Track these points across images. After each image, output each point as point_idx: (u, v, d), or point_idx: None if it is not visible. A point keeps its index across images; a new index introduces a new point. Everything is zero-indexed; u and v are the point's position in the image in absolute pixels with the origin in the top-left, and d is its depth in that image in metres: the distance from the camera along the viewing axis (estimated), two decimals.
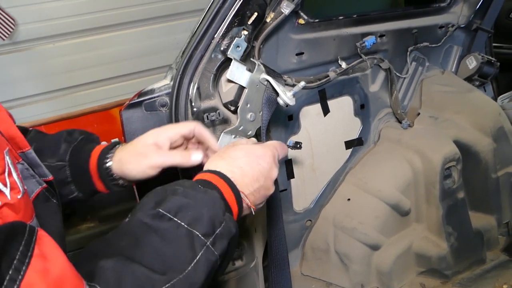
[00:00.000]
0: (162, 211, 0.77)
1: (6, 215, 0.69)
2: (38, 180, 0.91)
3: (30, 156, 0.90)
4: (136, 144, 1.08)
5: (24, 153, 0.89)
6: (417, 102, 2.15)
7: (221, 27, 1.35)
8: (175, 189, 0.83)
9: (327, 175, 1.97)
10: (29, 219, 0.75)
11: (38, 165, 0.92)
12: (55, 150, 1.10)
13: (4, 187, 0.69)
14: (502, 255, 2.07)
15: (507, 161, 2.12)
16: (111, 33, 2.99)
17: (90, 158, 1.09)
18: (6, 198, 0.69)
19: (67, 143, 1.12)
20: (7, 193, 0.69)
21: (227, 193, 0.88)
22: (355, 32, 1.84)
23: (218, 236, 0.79)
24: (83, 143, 1.14)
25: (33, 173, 0.90)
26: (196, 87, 1.36)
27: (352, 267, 1.87)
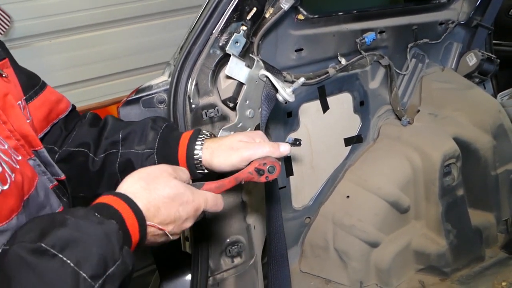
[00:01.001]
0: (44, 246, 0.65)
1: None
2: (49, 178, 0.93)
3: (42, 155, 0.93)
4: (229, 140, 1.10)
5: (37, 152, 0.92)
6: (417, 99, 2.14)
7: (220, 22, 1.33)
8: (65, 218, 0.72)
9: (326, 172, 1.97)
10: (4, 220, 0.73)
11: (50, 164, 0.95)
12: (141, 138, 1.12)
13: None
14: (501, 252, 2.07)
15: (507, 159, 2.11)
16: (108, 29, 2.96)
17: (179, 147, 1.10)
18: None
19: (154, 131, 1.13)
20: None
21: (129, 219, 0.78)
22: (355, 28, 1.83)
23: (109, 277, 0.69)
24: (168, 131, 1.15)
25: (44, 170, 0.92)
26: (195, 84, 1.35)
27: (351, 264, 1.86)
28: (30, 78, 1.06)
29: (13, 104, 0.89)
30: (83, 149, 1.12)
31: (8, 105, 0.88)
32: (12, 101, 0.89)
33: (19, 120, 0.89)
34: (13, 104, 0.89)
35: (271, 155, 1.07)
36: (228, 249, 1.49)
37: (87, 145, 1.12)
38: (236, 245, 1.50)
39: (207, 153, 1.09)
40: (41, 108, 1.06)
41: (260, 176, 1.04)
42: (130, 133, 1.13)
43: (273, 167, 1.04)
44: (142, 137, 1.12)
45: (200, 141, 1.10)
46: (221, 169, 1.08)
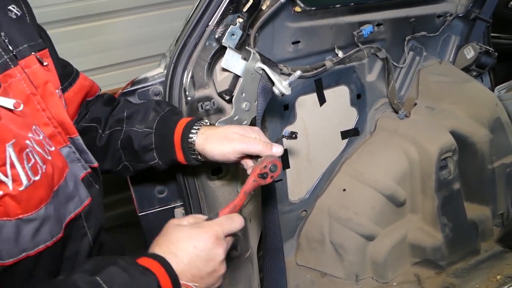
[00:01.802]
0: (99, 280, 0.76)
1: (8, 204, 0.75)
2: (83, 165, 0.99)
3: (77, 142, 0.98)
4: (224, 129, 1.12)
5: (72, 139, 0.97)
6: (414, 92, 2.14)
7: (216, 14, 1.32)
8: (116, 260, 0.81)
9: (322, 166, 1.96)
10: (33, 210, 0.79)
11: (84, 151, 1.00)
12: (143, 117, 1.16)
13: (5, 177, 0.74)
14: (496, 246, 2.07)
15: (503, 152, 2.11)
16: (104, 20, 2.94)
17: (176, 129, 1.14)
18: (8, 188, 0.74)
19: (156, 112, 1.17)
20: (9, 184, 0.74)
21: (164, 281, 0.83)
22: (352, 21, 1.81)
23: None
24: (170, 114, 1.19)
25: (79, 157, 0.98)
26: (190, 76, 1.34)
27: (347, 258, 1.87)
28: (65, 67, 1.09)
29: (53, 92, 0.92)
30: (95, 125, 1.18)
31: (47, 93, 0.91)
32: (51, 89, 0.92)
33: (58, 107, 0.92)
34: (53, 92, 0.92)
35: (262, 154, 1.07)
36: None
37: (98, 120, 1.18)
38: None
39: (201, 138, 1.11)
40: (77, 95, 1.13)
41: (265, 179, 1.04)
42: (134, 112, 1.18)
43: (275, 165, 1.04)
44: (144, 117, 1.17)
45: (197, 127, 1.13)
46: (212, 156, 1.10)
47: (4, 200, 0.74)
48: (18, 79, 0.84)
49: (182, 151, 1.14)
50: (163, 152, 1.17)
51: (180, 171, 1.37)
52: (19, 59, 0.87)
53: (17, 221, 0.76)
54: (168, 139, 1.14)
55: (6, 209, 0.74)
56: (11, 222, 0.76)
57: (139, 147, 1.14)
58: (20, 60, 0.87)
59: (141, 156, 1.16)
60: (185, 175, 1.38)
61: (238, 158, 1.10)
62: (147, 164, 1.18)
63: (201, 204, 1.42)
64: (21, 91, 0.85)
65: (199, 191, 1.41)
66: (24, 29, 0.93)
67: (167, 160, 1.18)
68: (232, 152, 1.07)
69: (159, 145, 1.16)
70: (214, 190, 1.45)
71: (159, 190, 1.43)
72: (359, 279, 1.88)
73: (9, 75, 0.83)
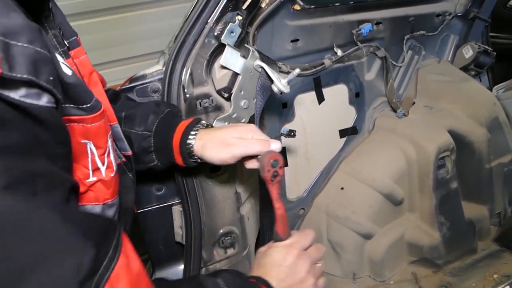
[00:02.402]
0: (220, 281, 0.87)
1: (99, 189, 0.80)
2: (118, 154, 1.01)
3: (115, 130, 0.99)
4: (222, 133, 1.13)
5: (112, 126, 0.96)
6: (413, 91, 2.14)
7: (215, 11, 1.32)
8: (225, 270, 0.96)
9: (320, 164, 1.96)
10: (116, 195, 0.86)
11: (120, 139, 1.01)
12: (143, 119, 1.18)
13: (102, 165, 0.80)
14: (493, 245, 2.07)
15: (501, 152, 2.12)
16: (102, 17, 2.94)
17: (175, 133, 1.15)
18: (102, 175, 0.80)
19: (155, 114, 1.19)
20: (103, 171, 0.80)
21: None
22: (352, 19, 1.81)
23: None
24: (169, 117, 1.20)
25: (115, 146, 0.98)
26: (189, 73, 1.33)
27: (345, 256, 1.87)
28: None
29: (97, 81, 0.95)
30: None
31: (93, 82, 0.93)
32: (96, 79, 0.95)
33: (102, 96, 0.94)
34: (97, 81, 0.95)
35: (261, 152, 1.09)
36: (221, 240, 1.49)
37: None
38: (230, 236, 1.50)
39: (199, 143, 1.12)
40: None
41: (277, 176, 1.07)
42: (132, 113, 1.19)
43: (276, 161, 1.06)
44: (143, 119, 1.18)
45: (195, 131, 1.13)
46: (212, 161, 1.13)
47: (96, 186, 0.80)
48: None
49: (180, 155, 1.15)
50: (162, 155, 1.18)
51: (178, 169, 1.37)
52: (70, 50, 0.90)
53: (103, 205, 0.82)
54: (167, 143, 1.16)
55: (96, 194, 0.80)
56: (99, 206, 0.82)
57: (139, 149, 1.15)
58: (71, 51, 0.89)
59: (141, 158, 1.17)
60: (183, 173, 1.38)
61: (237, 160, 1.12)
62: (147, 166, 1.20)
63: (199, 202, 1.42)
64: None
65: (197, 189, 1.41)
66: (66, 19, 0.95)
67: (166, 162, 1.20)
68: (230, 157, 1.09)
69: (158, 148, 1.17)
70: (212, 188, 1.45)
71: (157, 187, 1.43)
72: (357, 278, 1.89)
73: None
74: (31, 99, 0.57)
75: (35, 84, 0.56)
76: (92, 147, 0.77)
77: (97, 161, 0.79)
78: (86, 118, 0.74)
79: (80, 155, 0.76)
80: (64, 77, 0.68)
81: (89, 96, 0.76)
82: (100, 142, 0.79)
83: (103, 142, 0.80)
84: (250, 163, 1.13)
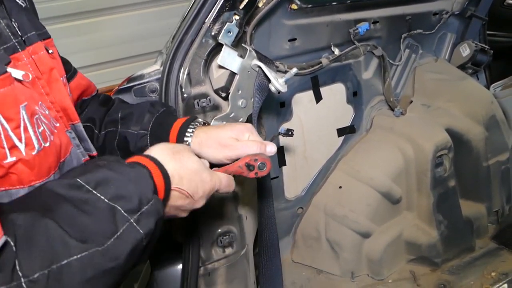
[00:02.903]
0: (80, 181, 0.72)
1: (21, 171, 0.74)
2: (82, 152, 1.00)
3: (79, 129, 1.00)
4: (219, 133, 1.11)
5: (74, 125, 0.98)
6: (410, 89, 2.14)
7: (212, 11, 1.32)
8: (98, 163, 0.80)
9: (319, 163, 1.97)
10: (45, 176, 0.79)
11: (85, 139, 1.02)
12: (139, 119, 1.17)
13: (20, 142, 0.73)
14: (491, 243, 2.08)
15: (498, 150, 2.12)
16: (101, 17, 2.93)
17: (171, 131, 1.14)
18: (21, 154, 0.73)
19: (151, 114, 1.18)
20: (22, 149, 0.73)
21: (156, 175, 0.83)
22: (349, 18, 1.81)
23: (144, 214, 0.75)
24: (165, 115, 1.20)
25: (79, 144, 0.99)
26: (187, 73, 1.34)
27: (343, 255, 1.87)
28: (65, 64, 1.10)
29: (57, 78, 0.94)
30: (90, 124, 1.19)
31: (52, 78, 0.93)
32: (56, 75, 0.94)
33: (61, 93, 0.94)
34: (57, 78, 0.94)
35: None
36: (219, 239, 1.49)
37: (93, 120, 1.19)
38: (228, 235, 1.50)
39: (195, 142, 1.12)
40: (73, 92, 1.14)
41: (250, 171, 1.04)
42: (128, 113, 1.19)
43: (264, 164, 1.04)
44: (139, 118, 1.17)
45: (192, 129, 1.13)
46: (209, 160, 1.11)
47: (17, 167, 0.73)
48: (24, 63, 0.86)
49: None
50: None
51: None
52: (27, 45, 0.89)
53: (29, 188, 0.76)
54: (163, 141, 1.13)
55: (19, 176, 0.74)
56: (25, 190, 0.76)
57: (135, 148, 1.15)
58: (28, 46, 0.89)
59: None
60: None
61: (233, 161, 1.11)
62: None
63: None
64: None
65: None
66: (31, 18, 0.96)
67: None
68: (226, 158, 1.09)
69: None
70: None
71: None
72: (355, 276, 1.89)
73: (17, 58, 0.84)
74: None
75: None
76: (1, 120, 0.71)
77: (12, 137, 0.72)
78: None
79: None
80: None
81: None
82: (9, 112, 0.72)
83: (13, 113, 0.73)
84: None
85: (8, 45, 0.83)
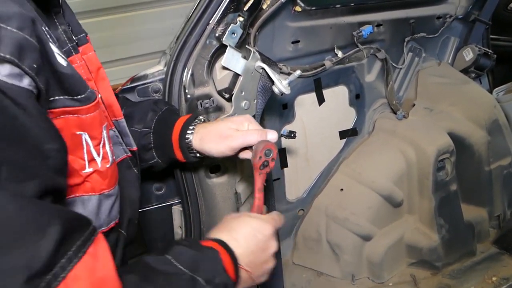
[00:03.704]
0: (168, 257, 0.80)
1: (95, 180, 0.81)
2: (124, 148, 1.03)
3: (121, 125, 1.02)
4: (218, 126, 1.13)
5: (117, 121, 1.01)
6: (413, 93, 2.14)
7: (217, 12, 1.32)
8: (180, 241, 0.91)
9: (320, 165, 1.96)
10: (113, 186, 0.86)
11: (126, 134, 1.04)
12: (142, 117, 1.19)
13: (98, 156, 0.80)
14: (492, 247, 2.08)
15: (501, 154, 2.12)
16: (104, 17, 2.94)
17: (173, 129, 1.16)
18: (97, 165, 0.81)
19: (154, 112, 1.20)
20: (98, 162, 0.81)
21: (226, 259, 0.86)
22: (352, 21, 1.81)
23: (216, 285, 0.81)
24: (168, 114, 1.22)
25: (121, 141, 1.02)
26: (190, 74, 1.34)
27: (343, 257, 1.87)
28: None
29: (104, 76, 0.97)
30: None
31: (100, 77, 0.96)
32: (103, 74, 0.98)
33: (108, 91, 0.98)
34: (104, 77, 0.97)
35: None
36: None
37: None
38: None
39: (197, 138, 1.13)
40: None
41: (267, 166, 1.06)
42: (132, 111, 1.20)
43: (269, 150, 1.05)
44: (142, 117, 1.19)
45: (193, 126, 1.15)
46: (211, 154, 1.13)
47: (92, 176, 0.80)
48: (78, 66, 0.89)
49: (180, 150, 1.16)
50: (162, 151, 1.18)
51: (178, 168, 1.37)
52: (79, 46, 0.92)
53: (100, 196, 0.83)
54: (166, 139, 1.16)
55: (93, 185, 0.80)
56: (96, 197, 0.82)
57: (139, 146, 1.15)
58: (79, 47, 0.92)
59: (141, 156, 1.17)
60: (183, 172, 1.38)
61: (236, 152, 1.12)
62: (147, 163, 1.20)
63: (198, 202, 1.42)
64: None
65: (197, 189, 1.41)
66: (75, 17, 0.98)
67: (167, 159, 1.20)
68: (229, 149, 1.10)
69: (157, 144, 1.18)
70: (212, 188, 1.45)
71: (157, 187, 1.43)
72: (355, 279, 1.89)
73: (72, 61, 0.87)
74: (12, 79, 0.58)
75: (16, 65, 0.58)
76: (87, 138, 0.78)
77: (92, 152, 0.79)
78: (81, 109, 0.75)
79: (75, 147, 0.76)
80: (58, 67, 0.70)
81: (84, 87, 0.77)
82: (95, 133, 0.79)
83: (98, 133, 0.80)
84: (245, 153, 1.13)
85: (64, 49, 0.85)
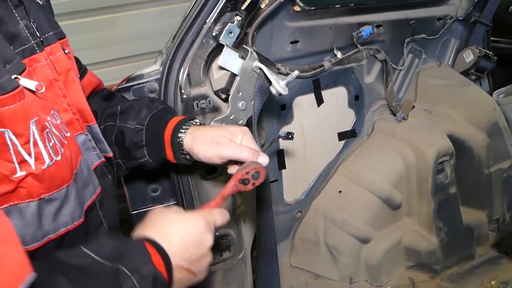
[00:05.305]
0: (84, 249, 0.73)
1: (31, 184, 0.74)
2: (98, 154, 1.00)
3: (95, 131, 1.00)
4: (212, 131, 1.10)
5: (90, 127, 0.99)
6: (412, 94, 2.13)
7: (214, 11, 1.30)
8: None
9: (319, 167, 1.95)
10: (55, 189, 0.79)
11: (101, 140, 1.02)
12: (136, 114, 1.16)
13: (29, 157, 0.73)
14: (491, 251, 2.07)
15: (500, 157, 2.10)
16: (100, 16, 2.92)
17: (167, 127, 1.13)
18: (31, 168, 0.74)
19: (148, 109, 1.17)
20: (31, 163, 0.74)
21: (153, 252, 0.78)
22: (352, 22, 1.80)
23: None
24: (163, 112, 1.19)
25: (94, 146, 0.99)
26: (186, 74, 1.32)
27: (341, 260, 1.86)
28: (76, 62, 1.09)
29: (74, 79, 0.94)
30: None
31: (69, 80, 0.93)
32: (73, 76, 0.94)
33: (78, 95, 0.95)
34: (74, 80, 0.94)
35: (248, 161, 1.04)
36: (217, 242, 1.47)
37: (95, 114, 1.16)
38: (225, 238, 1.49)
39: (189, 138, 1.11)
40: (85, 90, 1.12)
41: (246, 185, 1.01)
42: (127, 108, 1.18)
43: (258, 173, 1.01)
44: (137, 113, 1.17)
45: (187, 126, 1.13)
46: (199, 157, 1.10)
47: (27, 181, 0.74)
48: (42, 64, 0.86)
49: (171, 149, 1.13)
50: (153, 150, 1.16)
51: (174, 169, 1.35)
52: (45, 45, 0.89)
53: (39, 201, 0.76)
54: (158, 137, 1.14)
55: (29, 190, 0.74)
56: (34, 203, 0.76)
57: (130, 143, 1.14)
58: (46, 46, 0.89)
59: (132, 153, 1.15)
60: (179, 174, 1.36)
61: (223, 162, 1.08)
62: (138, 162, 1.17)
63: (194, 204, 1.41)
64: (45, 76, 0.87)
65: (192, 190, 1.40)
66: (48, 17, 0.95)
67: (157, 158, 1.17)
68: (217, 156, 1.06)
69: (149, 142, 1.15)
70: (208, 190, 1.43)
71: (152, 188, 1.41)
72: (353, 282, 1.87)
73: (35, 59, 0.84)
74: None
75: None
76: (11, 135, 0.71)
77: (21, 152, 0.72)
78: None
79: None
80: None
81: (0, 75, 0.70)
82: (19, 129, 0.72)
83: (23, 129, 0.72)
84: (233, 168, 1.10)
85: (27, 46, 0.83)
